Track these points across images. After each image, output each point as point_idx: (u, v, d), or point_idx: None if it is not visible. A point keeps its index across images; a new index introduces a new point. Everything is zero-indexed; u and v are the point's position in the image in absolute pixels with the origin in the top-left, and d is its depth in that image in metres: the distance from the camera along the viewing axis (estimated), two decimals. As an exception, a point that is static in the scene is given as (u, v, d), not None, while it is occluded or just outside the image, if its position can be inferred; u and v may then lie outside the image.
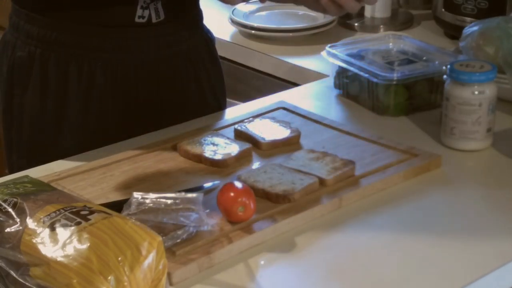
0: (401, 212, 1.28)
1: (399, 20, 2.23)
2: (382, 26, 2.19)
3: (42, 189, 1.12)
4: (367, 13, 2.23)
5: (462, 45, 1.65)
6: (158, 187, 1.30)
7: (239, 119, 1.51)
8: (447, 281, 1.13)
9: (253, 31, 2.12)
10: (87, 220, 1.02)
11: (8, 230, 1.04)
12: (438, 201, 1.32)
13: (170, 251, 1.12)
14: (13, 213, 1.05)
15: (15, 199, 1.07)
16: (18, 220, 1.04)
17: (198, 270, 1.12)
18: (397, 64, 1.62)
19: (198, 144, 1.40)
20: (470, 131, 1.44)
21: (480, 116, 1.44)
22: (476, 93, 1.43)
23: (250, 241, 1.18)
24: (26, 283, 1.01)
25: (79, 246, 0.99)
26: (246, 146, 1.40)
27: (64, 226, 1.01)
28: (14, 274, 1.02)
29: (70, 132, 1.54)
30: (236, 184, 1.21)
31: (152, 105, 1.56)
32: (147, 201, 1.16)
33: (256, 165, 1.37)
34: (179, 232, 1.14)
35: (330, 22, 2.14)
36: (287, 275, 1.15)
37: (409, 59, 1.64)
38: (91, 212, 1.04)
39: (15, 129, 1.57)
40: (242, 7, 2.22)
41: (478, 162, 1.45)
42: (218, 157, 1.37)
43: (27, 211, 1.04)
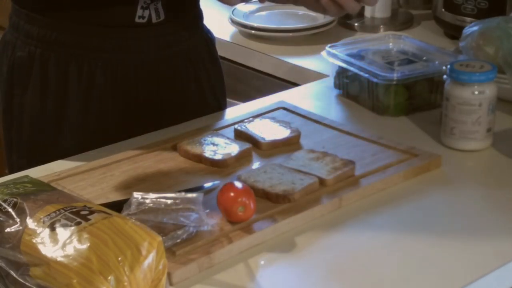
0: (401, 212, 1.28)
1: (399, 20, 2.23)
2: (382, 26, 2.19)
3: (42, 189, 1.12)
4: (367, 13, 2.23)
5: (462, 45, 1.65)
6: (158, 187, 1.29)
7: (239, 119, 1.51)
8: (447, 281, 1.13)
9: (253, 31, 2.12)
10: (87, 220, 1.02)
11: (8, 230, 1.04)
12: (438, 201, 1.32)
13: (170, 251, 1.12)
14: (13, 213, 1.05)
15: (15, 199, 1.07)
16: (18, 220, 1.04)
17: (198, 270, 1.12)
18: (397, 64, 1.62)
19: (198, 144, 1.40)
20: (470, 131, 1.44)
21: (480, 116, 1.44)
22: (476, 93, 1.43)
23: (250, 241, 1.18)
24: (26, 283, 1.01)
25: (79, 246, 0.99)
26: (246, 146, 1.40)
27: (64, 226, 1.01)
28: (14, 274, 1.02)
29: (70, 132, 1.53)
30: (236, 184, 1.21)
31: (152, 105, 1.56)
32: (147, 201, 1.16)
33: (256, 165, 1.37)
34: (179, 232, 1.14)
35: (330, 22, 2.14)
36: (287, 275, 1.15)
37: (409, 59, 1.64)
38: (91, 212, 1.04)
39: (15, 129, 1.57)
40: (242, 7, 2.22)
41: (478, 162, 1.45)
42: (218, 157, 1.37)
43: (27, 211, 1.04)
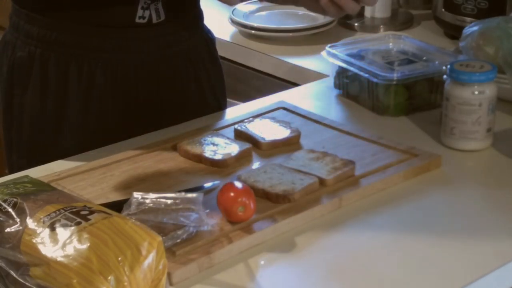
0: (401, 212, 1.28)
1: (399, 20, 2.23)
2: (382, 26, 2.19)
3: (42, 189, 1.12)
4: (367, 13, 2.23)
5: (462, 45, 1.65)
6: (158, 187, 1.29)
7: (239, 119, 1.51)
8: (447, 281, 1.13)
9: (253, 31, 2.12)
10: (87, 220, 1.02)
11: (8, 230, 1.04)
12: (438, 201, 1.32)
13: (170, 251, 1.12)
14: (13, 213, 1.05)
15: (15, 199, 1.07)
16: (18, 220, 1.04)
17: (198, 270, 1.12)
18: (397, 64, 1.62)
19: (198, 144, 1.40)
20: (470, 131, 1.44)
21: (480, 116, 1.44)
22: (476, 93, 1.43)
23: (250, 241, 1.17)
24: (26, 283, 1.00)
25: (79, 246, 0.99)
26: (246, 146, 1.40)
27: (64, 226, 1.01)
28: (14, 274, 1.02)
29: (70, 132, 1.53)
30: (236, 184, 1.21)
31: (152, 105, 1.56)
32: (147, 201, 1.16)
33: (256, 165, 1.37)
34: (179, 232, 1.14)
35: (330, 22, 2.14)
36: (287, 275, 1.15)
37: (409, 59, 1.64)
38: (91, 212, 1.04)
39: (15, 129, 1.57)
40: (242, 7, 2.22)
41: (478, 162, 1.45)
42: (218, 157, 1.37)
43: (27, 211, 1.04)
